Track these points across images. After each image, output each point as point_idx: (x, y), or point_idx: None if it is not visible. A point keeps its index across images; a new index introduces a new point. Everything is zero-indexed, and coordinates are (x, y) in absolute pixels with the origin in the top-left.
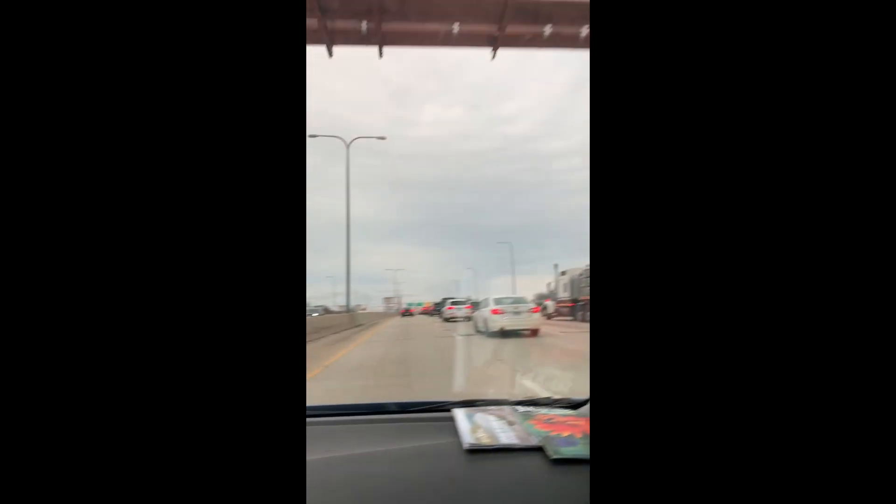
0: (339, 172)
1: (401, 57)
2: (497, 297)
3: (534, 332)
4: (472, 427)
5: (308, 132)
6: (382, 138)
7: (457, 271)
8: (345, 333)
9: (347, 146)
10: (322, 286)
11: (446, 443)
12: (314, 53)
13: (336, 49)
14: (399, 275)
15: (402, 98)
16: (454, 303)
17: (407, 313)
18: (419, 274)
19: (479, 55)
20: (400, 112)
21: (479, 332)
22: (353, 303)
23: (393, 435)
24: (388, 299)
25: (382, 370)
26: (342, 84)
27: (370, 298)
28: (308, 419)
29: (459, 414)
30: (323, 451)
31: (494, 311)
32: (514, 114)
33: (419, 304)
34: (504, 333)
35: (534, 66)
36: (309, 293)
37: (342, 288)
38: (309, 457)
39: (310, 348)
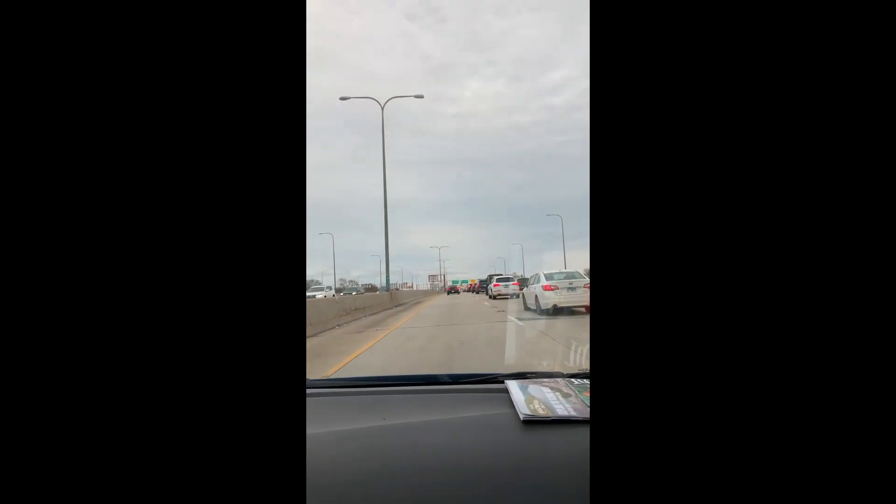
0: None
1: (442, 32)
2: (548, 272)
3: (589, 309)
4: (526, 398)
5: (346, 116)
6: (420, 97)
7: (502, 248)
8: (380, 315)
9: (382, 107)
10: (369, 265)
11: (501, 413)
12: (355, 34)
13: (377, 28)
14: (443, 252)
15: (442, 74)
16: (501, 279)
17: (452, 290)
18: (464, 251)
19: (521, 23)
20: (441, 88)
21: (528, 309)
22: (399, 280)
23: (447, 405)
24: (432, 277)
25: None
26: (383, 64)
27: (416, 276)
28: (363, 388)
29: (513, 385)
30: (379, 418)
31: (546, 288)
32: (558, 84)
33: (464, 282)
34: (557, 310)
35: (577, 32)
36: (357, 272)
37: (390, 266)
38: (365, 424)
39: (327, 338)
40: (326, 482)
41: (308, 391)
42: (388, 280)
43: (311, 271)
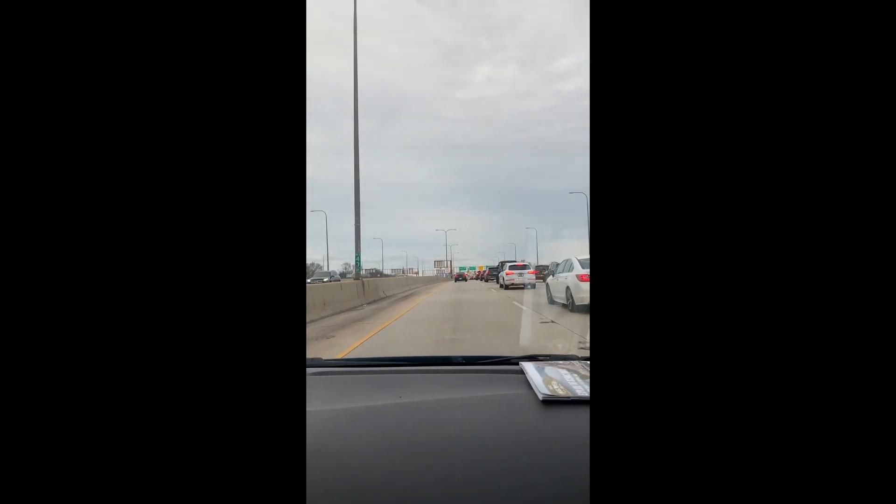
0: (392, 137)
1: (452, 15)
2: (584, 257)
3: None
4: (544, 379)
5: (359, 101)
6: None
7: (511, 235)
8: (312, 331)
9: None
10: (376, 249)
11: (518, 394)
12: (366, 16)
13: (388, 11)
14: (451, 238)
15: (452, 58)
16: (514, 267)
17: (460, 277)
18: (472, 238)
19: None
20: (451, 73)
21: (553, 303)
22: (405, 266)
23: (462, 385)
24: (438, 263)
25: None
26: (393, 48)
27: (422, 262)
28: (377, 367)
29: (529, 367)
30: (395, 397)
31: (583, 278)
32: (568, 69)
33: (472, 269)
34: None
35: (588, 19)
36: (363, 257)
37: (396, 252)
38: (382, 402)
39: None
40: (344, 458)
41: (323, 370)
42: (358, 262)
43: (317, 256)
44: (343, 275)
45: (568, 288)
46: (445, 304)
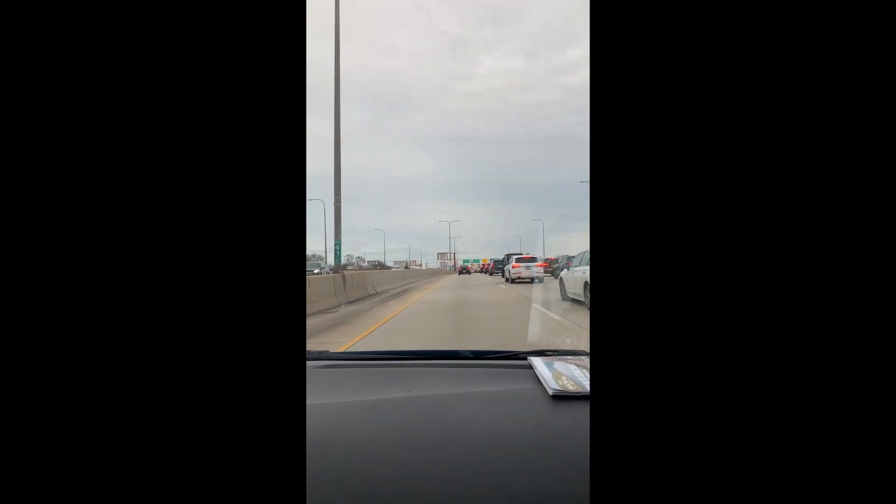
0: (396, 129)
1: (458, 5)
2: None
3: None
4: (553, 374)
5: (360, 91)
6: None
7: (516, 228)
8: None
9: None
10: (382, 242)
11: (528, 388)
12: (369, 5)
13: (393, 3)
14: (454, 230)
15: (457, 50)
16: (521, 260)
17: (464, 271)
18: (475, 231)
19: None
20: (456, 65)
21: (567, 299)
22: (408, 258)
23: (471, 379)
24: (441, 255)
25: None
26: (397, 38)
27: (425, 255)
28: (386, 361)
29: (537, 362)
30: (405, 390)
31: None
32: (575, 61)
33: (476, 261)
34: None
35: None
36: (368, 248)
37: (399, 244)
38: (390, 395)
39: None
40: (352, 450)
41: (330, 363)
42: (338, 252)
43: (319, 247)
44: (344, 267)
45: (586, 283)
46: (445, 304)
